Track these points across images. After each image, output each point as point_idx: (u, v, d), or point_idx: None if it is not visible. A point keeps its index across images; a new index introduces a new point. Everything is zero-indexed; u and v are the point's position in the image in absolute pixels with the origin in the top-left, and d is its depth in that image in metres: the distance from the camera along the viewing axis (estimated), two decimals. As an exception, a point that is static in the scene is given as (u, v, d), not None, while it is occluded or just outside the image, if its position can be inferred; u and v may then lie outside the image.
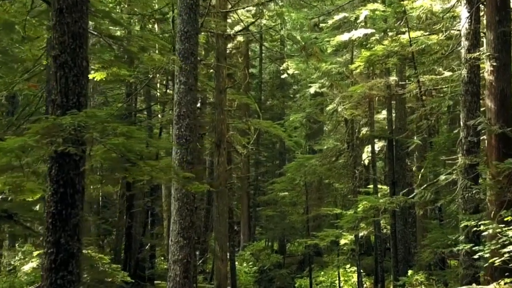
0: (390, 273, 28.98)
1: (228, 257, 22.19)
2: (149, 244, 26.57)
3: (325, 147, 25.69)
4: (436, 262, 18.85)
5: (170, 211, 15.06)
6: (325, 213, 26.94)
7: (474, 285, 8.97)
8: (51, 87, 6.95)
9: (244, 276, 33.22)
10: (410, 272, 30.69)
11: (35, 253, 18.08)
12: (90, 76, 10.22)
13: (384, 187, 31.08)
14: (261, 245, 39.14)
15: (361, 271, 32.78)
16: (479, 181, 12.91)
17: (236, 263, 35.06)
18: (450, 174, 12.72)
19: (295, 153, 35.38)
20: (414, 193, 13.07)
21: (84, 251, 9.47)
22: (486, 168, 12.21)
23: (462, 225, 10.96)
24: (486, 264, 10.27)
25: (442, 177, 12.54)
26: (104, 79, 10.13)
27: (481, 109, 13.72)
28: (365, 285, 33.39)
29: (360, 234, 24.96)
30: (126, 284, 25.58)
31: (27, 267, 17.03)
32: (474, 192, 12.21)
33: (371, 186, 28.75)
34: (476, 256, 10.37)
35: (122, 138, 6.35)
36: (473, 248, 10.29)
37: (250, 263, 35.27)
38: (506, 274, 9.40)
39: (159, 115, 26.67)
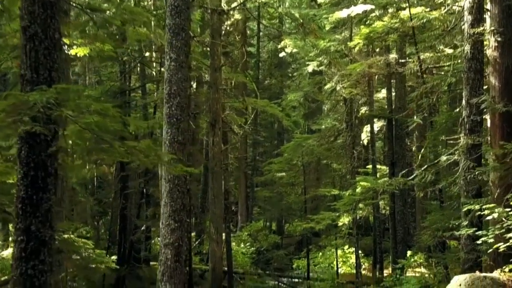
0: (389, 254, 28.65)
1: (223, 239, 21.73)
2: (144, 226, 26.12)
3: (323, 126, 25.15)
4: (436, 245, 18.38)
5: (162, 193, 14.56)
6: (323, 194, 26.48)
7: (477, 272, 8.48)
8: (21, 61, 6.40)
9: (241, 257, 32.83)
10: (409, 253, 30.36)
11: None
12: (72, 52, 9.68)
13: (383, 167, 30.64)
14: (259, 225, 38.75)
15: (360, 252, 32.46)
16: (482, 162, 12.38)
17: (234, 243, 34.66)
18: (451, 154, 12.19)
19: (294, 133, 34.85)
20: (414, 175, 12.52)
21: (65, 236, 9.00)
22: (489, 149, 11.70)
23: (465, 209, 10.46)
24: (490, 250, 9.78)
25: (443, 157, 11.99)
26: (88, 55, 9.54)
27: (485, 87, 13.15)
28: (363, 266, 33.07)
29: (359, 214, 24.40)
30: (119, 266, 25.34)
31: (6, 253, 16.53)
32: (476, 173, 11.69)
33: (370, 166, 28.28)
34: (479, 242, 9.88)
35: (97, 116, 5.79)
36: (477, 233, 9.79)
37: (248, 244, 34.88)
38: (511, 260, 8.92)
39: (154, 94, 26.10)
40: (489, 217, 9.16)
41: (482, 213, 9.46)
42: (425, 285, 15.92)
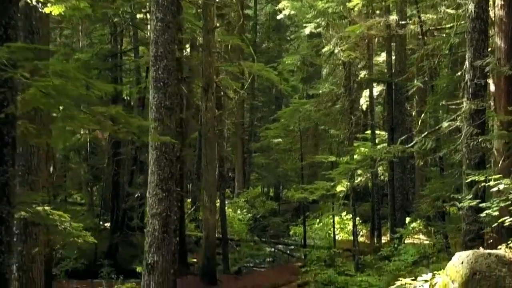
0: (388, 220, 28.20)
1: (217, 207, 21.21)
2: (138, 193, 25.57)
3: (321, 91, 24.39)
4: (436, 214, 17.83)
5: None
6: (320, 161, 25.87)
7: (481, 248, 7.90)
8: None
9: (237, 224, 32.41)
10: (408, 219, 29.91)
11: None
12: (46, 10, 8.90)
13: (382, 132, 30.03)
14: (257, 192, 38.23)
15: (358, 218, 31.99)
16: (486, 128, 11.72)
17: (230, 210, 34.21)
18: (453, 120, 11.52)
19: (293, 98, 34.05)
20: (414, 142, 11.84)
21: (39, 208, 8.39)
22: (494, 114, 11.01)
23: (469, 179, 9.81)
24: (495, 225, 9.18)
25: (445, 123, 11.31)
26: (63, 13, 8.76)
27: (489, 48, 12.40)
28: (361, 233, 32.65)
29: (357, 181, 23.79)
30: (112, 234, 24.89)
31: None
32: (480, 140, 11.04)
33: (369, 132, 27.67)
34: (482, 215, 9.27)
35: (56, 79, 5.10)
36: (480, 205, 9.16)
37: (244, 210, 34.43)
38: (516, 233, 8.36)
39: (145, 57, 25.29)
40: (494, 189, 8.54)
41: (486, 184, 8.84)
42: (424, 255, 15.40)
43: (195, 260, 23.37)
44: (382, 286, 14.15)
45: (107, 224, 26.87)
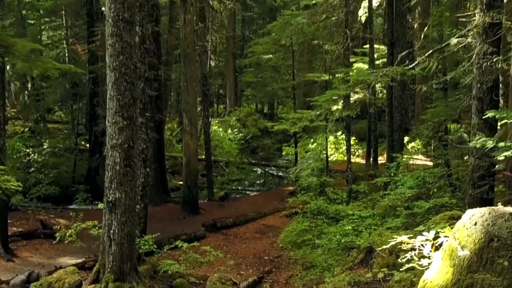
0: (385, 139, 26.69)
1: (199, 130, 19.55)
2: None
3: (314, 1, 22.16)
4: (437, 137, 16.19)
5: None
6: (312, 80, 23.98)
7: (499, 205, 6.28)
8: None
9: (228, 144, 31.03)
10: (406, 138, 28.44)
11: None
12: None
13: (382, 47, 28.25)
14: (249, 110, 36.56)
15: (353, 138, 30.54)
16: (502, 47, 9.86)
17: (220, 129, 32.68)
18: (463, 36, 9.60)
19: (289, 10, 31.68)
20: (416, 62, 9.90)
21: None
22: (512, 29, 9.15)
23: (487, 115, 8.01)
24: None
25: (453, 40, 9.37)
26: None
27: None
28: (357, 153, 31.26)
29: (353, 99, 22.09)
30: (91, 157, 23.37)
31: None
32: (494, 60, 9.22)
33: (367, 46, 25.71)
34: (500, 157, 7.56)
35: None
36: (498, 145, 7.44)
37: (235, 130, 32.93)
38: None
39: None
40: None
41: (504, 121, 7.11)
42: (423, 186, 13.84)
43: (181, 182, 21.96)
44: (375, 222, 12.69)
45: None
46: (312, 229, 14.89)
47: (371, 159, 25.77)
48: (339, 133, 28.55)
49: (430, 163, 24.31)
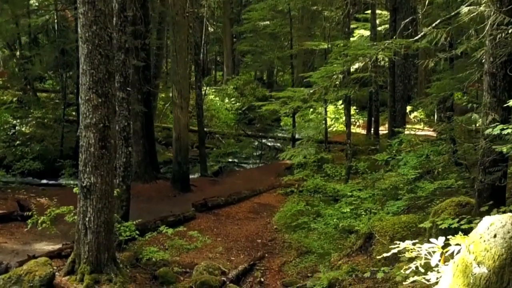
0: (386, 109, 25.68)
1: (190, 102, 18.49)
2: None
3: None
4: (443, 114, 15.12)
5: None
6: (311, 49, 22.78)
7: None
8: None
9: (224, 114, 30.00)
10: (409, 108, 27.38)
11: None
12: None
13: (384, 12, 27.04)
14: (248, 77, 35.37)
15: (354, 108, 29.45)
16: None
17: (217, 99, 31.60)
18: (475, 4, 8.48)
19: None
20: (421, 34, 8.80)
21: None
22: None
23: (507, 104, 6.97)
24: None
25: (464, 8, 8.27)
26: None
27: None
28: (357, 124, 30.24)
29: (355, 67, 21.01)
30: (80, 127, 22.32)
31: None
32: (510, 31, 8.13)
33: (369, 12, 24.51)
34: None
35: None
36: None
37: (233, 99, 31.84)
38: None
39: None
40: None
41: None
42: (427, 169, 12.84)
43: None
44: (375, 207, 11.72)
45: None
46: (309, 209, 13.95)
47: (372, 129, 24.78)
48: (340, 102, 27.48)
49: (433, 134, 23.31)
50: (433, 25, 8.78)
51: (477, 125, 8.70)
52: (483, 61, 8.91)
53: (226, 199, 16.29)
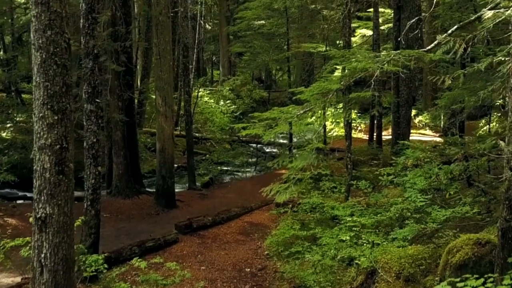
0: (389, 112, 24.29)
1: (175, 110, 16.98)
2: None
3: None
4: (452, 121, 13.64)
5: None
6: (308, 51, 21.26)
7: None
8: None
9: (219, 117, 28.56)
10: (413, 112, 25.93)
11: None
12: None
13: (388, 10, 25.71)
14: (246, 78, 33.86)
15: (355, 111, 28.08)
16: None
17: (212, 101, 30.22)
18: (502, 7, 6.97)
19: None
20: (435, 42, 7.21)
21: None
22: None
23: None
24: None
25: (488, 12, 6.75)
26: None
27: None
28: (359, 128, 28.83)
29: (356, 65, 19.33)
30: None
31: None
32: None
33: (371, 10, 23.05)
34: None
35: None
36: None
37: (228, 101, 30.39)
38: None
39: None
40: None
41: None
42: (437, 187, 11.38)
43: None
44: (379, 238, 10.22)
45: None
46: (303, 234, 12.46)
47: (375, 135, 23.29)
48: (340, 105, 26.00)
49: (439, 139, 21.89)
50: (449, 32, 7.29)
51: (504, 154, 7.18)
52: (508, 76, 7.43)
53: (213, 218, 14.74)
